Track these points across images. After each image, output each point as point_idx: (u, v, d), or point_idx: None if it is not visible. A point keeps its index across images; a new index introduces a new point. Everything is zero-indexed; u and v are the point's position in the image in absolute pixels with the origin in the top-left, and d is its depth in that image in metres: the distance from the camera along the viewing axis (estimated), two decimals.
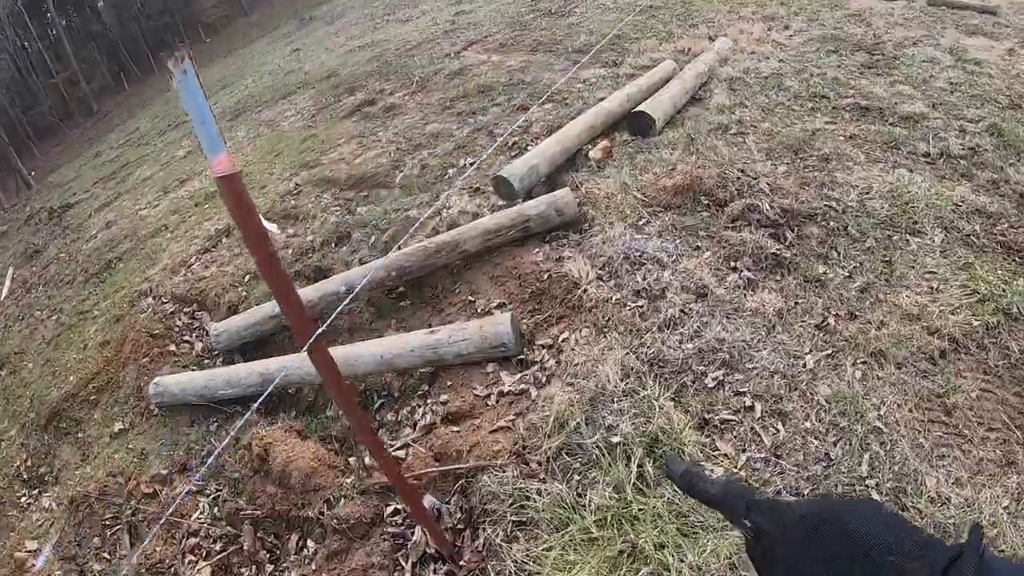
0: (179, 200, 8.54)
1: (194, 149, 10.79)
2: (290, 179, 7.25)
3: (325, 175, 6.79)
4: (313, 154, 7.57)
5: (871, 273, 3.64)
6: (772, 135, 5.00)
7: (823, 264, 3.73)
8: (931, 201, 4.10)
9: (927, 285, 3.51)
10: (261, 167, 8.12)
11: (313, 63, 12.42)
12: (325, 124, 8.58)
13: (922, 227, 3.93)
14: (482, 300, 4.40)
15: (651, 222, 4.21)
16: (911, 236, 3.88)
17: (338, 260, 5.45)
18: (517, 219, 4.45)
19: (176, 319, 5.99)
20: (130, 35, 34.26)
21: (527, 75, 7.52)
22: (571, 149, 5.25)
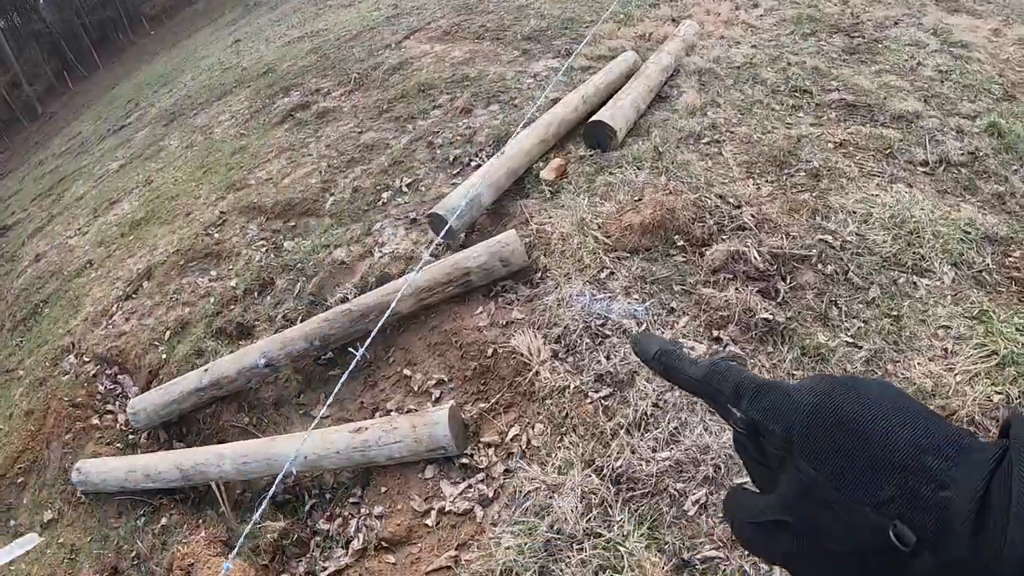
0: (107, 228, 7.73)
1: (127, 161, 9.90)
2: (216, 204, 6.45)
3: (251, 200, 6.00)
4: (242, 172, 6.76)
5: (878, 335, 3.00)
6: (752, 143, 4.24)
7: (823, 327, 3.04)
8: (937, 228, 3.45)
9: (940, 347, 2.92)
10: (189, 187, 7.30)
11: (251, 57, 11.45)
12: (257, 132, 7.74)
13: (930, 263, 3.29)
14: (419, 375, 3.76)
15: (615, 273, 3.48)
16: (919, 277, 3.24)
17: (261, 315, 4.73)
18: (455, 274, 3.72)
19: (98, 383, 5.41)
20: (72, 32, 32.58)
21: (472, 69, 6.67)
22: (519, 170, 4.48)
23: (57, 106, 24.35)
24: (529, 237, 3.93)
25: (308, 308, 4.51)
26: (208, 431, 4.43)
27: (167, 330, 5.14)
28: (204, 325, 4.93)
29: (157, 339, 5.18)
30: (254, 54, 11.69)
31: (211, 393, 4.20)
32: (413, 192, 5.06)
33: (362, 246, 4.72)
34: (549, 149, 4.75)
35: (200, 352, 4.74)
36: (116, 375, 5.35)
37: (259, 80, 9.68)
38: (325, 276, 4.58)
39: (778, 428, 0.51)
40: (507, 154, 4.38)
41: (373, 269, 4.37)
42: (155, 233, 6.69)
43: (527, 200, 4.32)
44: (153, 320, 5.41)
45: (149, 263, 6.12)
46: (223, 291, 5.14)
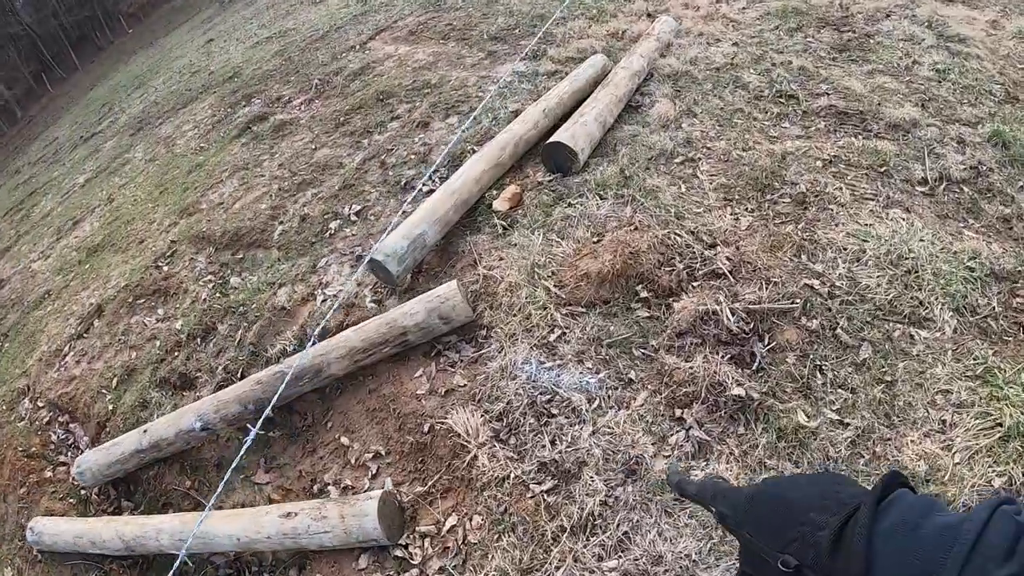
0: (67, 252, 7.38)
1: (93, 175, 9.51)
2: (168, 231, 6.06)
3: (202, 229, 5.60)
4: (195, 193, 6.34)
5: (867, 408, 2.56)
6: (731, 162, 3.76)
7: (804, 400, 2.61)
8: (938, 266, 2.99)
9: (937, 418, 2.50)
10: (145, 209, 6.90)
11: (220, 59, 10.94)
12: (216, 146, 7.31)
13: (929, 310, 2.85)
14: (357, 445, 3.39)
15: (567, 334, 3.04)
16: (916, 329, 2.80)
17: (203, 364, 4.37)
18: (390, 334, 3.31)
19: (51, 431, 5.19)
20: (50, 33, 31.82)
21: (434, 74, 6.18)
22: (470, 200, 4.03)
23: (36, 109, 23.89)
24: (476, 283, 3.50)
25: (248, 359, 4.14)
26: (153, 493, 4.16)
27: (114, 377, 4.84)
28: (149, 372, 4.60)
29: (105, 386, 4.87)
30: (223, 56, 11.20)
31: (152, 455, 3.95)
32: (362, 221, 4.64)
33: (306, 286, 4.32)
34: (506, 172, 4.29)
35: (145, 404, 4.43)
36: (68, 423, 5.13)
37: (224, 85, 9.22)
38: (265, 324, 4.19)
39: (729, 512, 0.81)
40: (454, 187, 3.93)
41: (313, 318, 3.97)
42: (109, 262, 6.32)
43: (478, 236, 3.87)
44: (102, 364, 5.10)
45: (101, 298, 5.77)
46: (168, 334, 4.78)
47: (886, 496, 0.66)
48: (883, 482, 0.68)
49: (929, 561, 0.57)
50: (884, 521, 0.63)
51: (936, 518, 0.61)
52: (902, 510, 0.63)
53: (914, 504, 0.64)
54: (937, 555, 0.57)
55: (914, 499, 0.66)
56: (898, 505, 0.64)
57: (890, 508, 0.64)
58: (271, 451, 3.76)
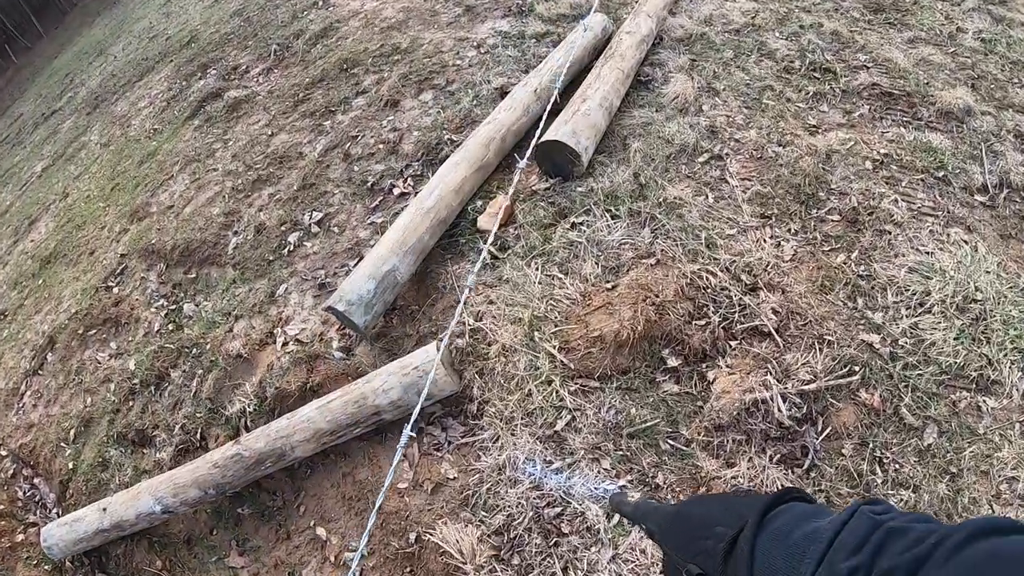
0: (22, 262, 6.74)
1: (50, 162, 8.75)
2: (119, 239, 5.40)
3: (151, 240, 4.93)
4: (146, 192, 5.64)
5: (930, 510, 2.10)
6: (765, 161, 3.05)
7: None
8: (1006, 310, 2.46)
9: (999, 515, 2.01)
10: (97, 210, 6.21)
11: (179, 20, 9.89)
12: (169, 129, 6.55)
13: (998, 371, 2.33)
14: (335, 538, 2.89)
15: (577, 419, 2.42)
16: (983, 396, 2.29)
17: (159, 419, 3.81)
18: (361, 414, 2.71)
19: (17, 486, 4.70)
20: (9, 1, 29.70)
21: (404, 36, 5.34)
22: (449, 218, 3.33)
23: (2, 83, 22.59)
24: (461, 336, 2.84)
25: (207, 416, 3.57)
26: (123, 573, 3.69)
27: (72, 428, 4.34)
28: (106, 425, 4.08)
29: (63, 439, 4.37)
30: (182, 16, 10.13)
31: (116, 534, 3.49)
32: (324, 233, 3.95)
33: (264, 320, 3.69)
34: (492, 173, 3.55)
35: (105, 464, 3.94)
36: (32, 478, 4.64)
37: (181, 53, 8.31)
38: (221, 376, 3.58)
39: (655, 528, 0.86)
40: (428, 203, 3.21)
41: (273, 371, 3.33)
42: (61, 278, 5.69)
43: (461, 264, 3.19)
44: (59, 410, 4.58)
45: (53, 326, 5.17)
46: (121, 377, 4.21)
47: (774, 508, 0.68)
48: (772, 496, 0.70)
49: (792, 561, 0.59)
50: (766, 529, 0.65)
51: (810, 524, 0.63)
52: (784, 519, 0.65)
53: (798, 513, 0.66)
54: (798, 555, 0.59)
55: (801, 508, 0.67)
56: (783, 515, 0.66)
57: (775, 518, 0.67)
58: (242, 530, 3.27)
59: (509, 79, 4.16)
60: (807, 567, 0.58)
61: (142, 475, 3.63)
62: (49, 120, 10.93)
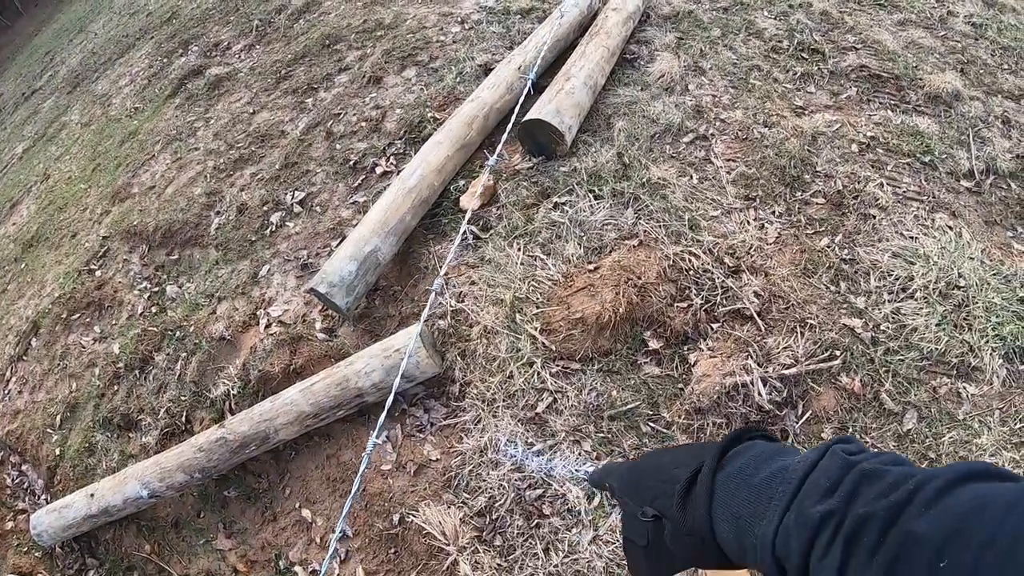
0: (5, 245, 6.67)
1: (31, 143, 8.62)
2: (100, 221, 5.34)
3: (134, 222, 4.88)
4: (127, 173, 5.57)
5: None
6: (751, 142, 3.03)
7: None
8: (988, 297, 2.46)
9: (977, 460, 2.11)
10: (78, 191, 6.13)
11: None
12: (150, 107, 6.46)
13: (979, 357, 2.34)
14: (320, 520, 2.87)
15: (559, 401, 2.42)
16: (964, 383, 2.31)
17: (144, 403, 3.79)
18: (344, 397, 2.70)
19: (5, 473, 4.68)
20: None
21: (387, 11, 5.27)
22: (431, 198, 3.31)
23: None
24: (443, 318, 2.83)
25: (192, 399, 3.55)
26: (113, 557, 3.68)
27: (57, 414, 4.30)
28: (92, 410, 4.05)
29: (50, 425, 4.34)
30: None
31: (104, 519, 3.49)
32: (307, 213, 3.92)
33: (248, 301, 3.67)
34: (474, 152, 3.52)
35: (91, 449, 3.91)
36: (20, 465, 4.61)
37: (162, 29, 8.18)
38: (204, 359, 3.56)
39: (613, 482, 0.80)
40: (411, 183, 3.18)
41: (256, 354, 3.31)
42: (44, 262, 5.63)
43: (443, 244, 3.17)
44: (44, 396, 4.54)
45: (36, 311, 5.12)
46: (106, 361, 4.17)
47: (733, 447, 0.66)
48: (731, 434, 0.68)
49: (758, 503, 0.57)
50: (727, 469, 0.63)
51: (776, 462, 0.60)
52: (747, 458, 0.63)
53: (761, 452, 0.63)
54: (765, 497, 0.56)
55: (763, 447, 0.64)
56: (744, 454, 0.64)
57: (736, 457, 0.64)
58: (229, 513, 3.27)
59: (493, 56, 4.11)
60: (774, 510, 0.54)
61: (128, 460, 3.62)
62: (29, 100, 10.75)
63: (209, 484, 3.29)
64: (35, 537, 3.80)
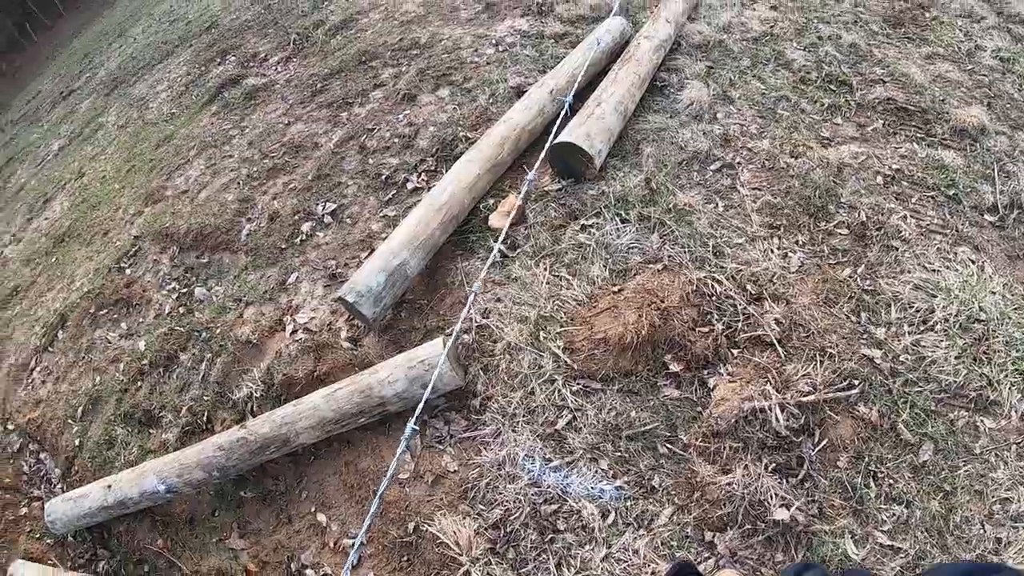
0: (36, 239, 6.81)
1: (67, 141, 8.83)
2: (132, 222, 5.45)
3: (165, 223, 4.98)
4: (161, 175, 5.70)
5: (921, 528, 2.11)
6: (777, 172, 3.08)
7: (852, 521, 2.11)
8: (1010, 332, 2.48)
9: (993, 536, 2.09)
10: (112, 191, 6.27)
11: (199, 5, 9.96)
12: (186, 113, 6.61)
13: (998, 391, 2.35)
14: (335, 525, 2.90)
15: (578, 419, 2.46)
16: (981, 416, 2.32)
17: (167, 401, 3.86)
18: (366, 404, 2.76)
19: (23, 460, 4.73)
20: None
21: (423, 31, 5.38)
22: (461, 215, 3.37)
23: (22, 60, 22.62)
24: (468, 332, 2.88)
25: (214, 399, 3.62)
26: (125, 550, 3.73)
27: (79, 406, 4.36)
28: (114, 404, 4.12)
29: (71, 416, 4.41)
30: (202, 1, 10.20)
31: (119, 511, 3.53)
32: (337, 224, 4.00)
33: (275, 307, 3.74)
34: (505, 173, 3.59)
35: (111, 442, 3.97)
36: (39, 453, 4.68)
37: (201, 38, 8.37)
38: (229, 360, 3.63)
39: None
40: (441, 199, 3.25)
41: (281, 359, 3.38)
42: (74, 257, 5.75)
43: (471, 261, 3.23)
44: (67, 387, 4.62)
45: (64, 304, 5.23)
46: (131, 358, 4.25)
47: None
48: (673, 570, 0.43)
49: None
50: None
51: None
52: None
53: None
54: None
55: None
56: None
57: None
58: (244, 513, 3.30)
59: (526, 79, 4.20)
60: None
61: (147, 455, 3.67)
62: (67, 99, 11.01)
63: (226, 483, 3.34)
64: (48, 524, 3.86)
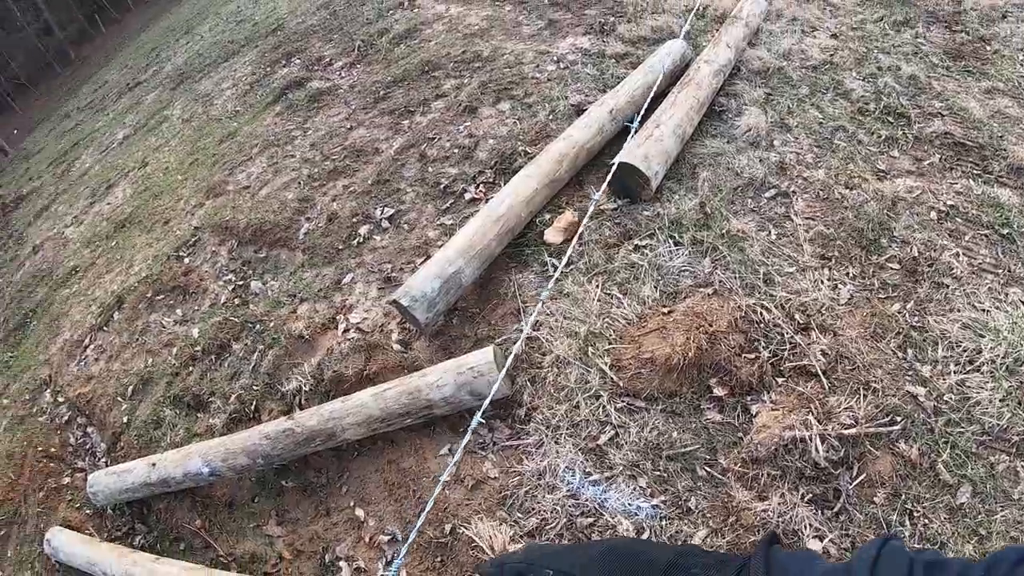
0: (97, 223, 7.10)
1: (132, 131, 9.17)
2: (193, 213, 5.66)
3: (225, 217, 5.16)
4: (224, 171, 5.89)
5: None
6: (831, 203, 3.09)
7: None
8: None
9: None
10: (175, 182, 6.50)
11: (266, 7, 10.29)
12: (250, 112, 6.83)
13: None
14: (372, 520, 2.97)
15: (620, 436, 2.50)
16: (1022, 461, 2.27)
17: (217, 387, 3.99)
18: (413, 407, 2.83)
19: (70, 432, 4.90)
20: None
21: (486, 44, 5.49)
22: (517, 228, 3.45)
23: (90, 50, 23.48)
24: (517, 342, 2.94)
25: (263, 390, 3.74)
26: (163, 526, 3.86)
27: (130, 385, 4.53)
28: (164, 386, 4.28)
29: (121, 394, 4.58)
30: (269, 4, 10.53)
31: (161, 489, 3.67)
32: (394, 229, 4.11)
33: (329, 306, 3.85)
34: (561, 189, 3.65)
35: (158, 422, 4.12)
36: (86, 427, 4.87)
37: (267, 39, 8.64)
38: (281, 353, 3.74)
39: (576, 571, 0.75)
40: (499, 211, 3.33)
41: (332, 355, 3.48)
42: (134, 242, 5.98)
43: (524, 274, 3.30)
44: (119, 366, 4.80)
45: (122, 287, 5.45)
46: (184, 343, 4.41)
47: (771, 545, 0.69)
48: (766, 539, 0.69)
49: None
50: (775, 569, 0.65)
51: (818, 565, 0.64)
52: (784, 561, 0.66)
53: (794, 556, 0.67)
54: None
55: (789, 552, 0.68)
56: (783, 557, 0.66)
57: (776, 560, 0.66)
58: (283, 502, 3.40)
59: (586, 97, 4.27)
60: None
61: (193, 437, 3.81)
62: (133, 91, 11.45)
63: (268, 472, 3.44)
64: (90, 495, 4.02)
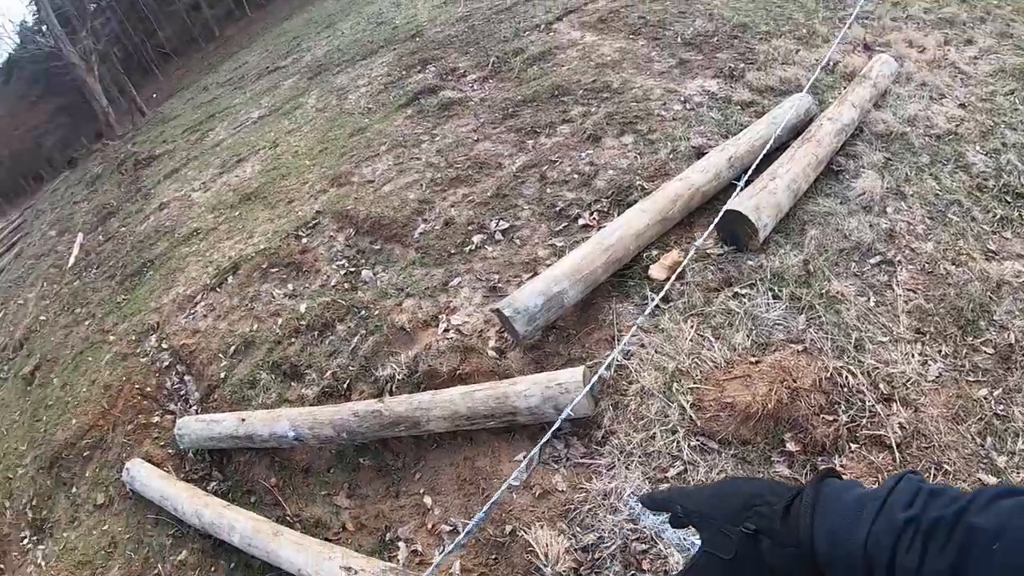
0: (224, 191, 7.66)
1: (267, 112, 9.82)
2: (317, 197, 6.05)
3: (347, 206, 5.51)
4: (350, 162, 6.27)
5: None
6: (935, 278, 3.07)
7: None
8: None
9: None
10: (302, 166, 6.95)
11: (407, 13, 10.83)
12: (382, 111, 7.21)
13: None
14: (438, 509, 3.14)
15: (689, 473, 2.58)
16: None
17: (315, 361, 4.28)
18: (499, 410, 3.00)
19: (168, 376, 5.34)
20: None
21: (617, 75, 5.64)
22: (625, 259, 3.56)
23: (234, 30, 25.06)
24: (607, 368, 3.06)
25: (358, 371, 3.99)
26: (238, 478, 4.16)
27: (233, 345, 4.89)
28: (265, 351, 4.60)
29: (223, 351, 4.96)
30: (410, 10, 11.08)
31: (246, 443, 3.96)
32: (507, 242, 4.29)
33: (433, 304, 4.07)
34: (672, 228, 3.74)
35: (254, 383, 4.44)
36: (184, 375, 5.29)
37: (405, 44, 9.11)
38: (381, 340, 3.99)
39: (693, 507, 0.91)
40: (609, 241, 3.46)
41: (430, 351, 3.69)
42: (257, 216, 6.44)
43: (624, 304, 3.41)
44: (225, 326, 5.20)
45: (240, 254, 5.89)
46: (291, 315, 4.74)
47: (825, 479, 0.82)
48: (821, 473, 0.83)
49: (851, 516, 0.73)
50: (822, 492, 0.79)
51: (855, 490, 0.77)
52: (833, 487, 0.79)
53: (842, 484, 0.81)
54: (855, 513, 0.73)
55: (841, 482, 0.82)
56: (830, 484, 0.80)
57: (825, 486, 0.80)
58: (357, 477, 3.61)
59: (708, 140, 4.34)
60: (866, 520, 0.69)
61: (283, 403, 4.10)
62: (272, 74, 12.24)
63: (348, 447, 3.66)
64: (176, 437, 4.36)
